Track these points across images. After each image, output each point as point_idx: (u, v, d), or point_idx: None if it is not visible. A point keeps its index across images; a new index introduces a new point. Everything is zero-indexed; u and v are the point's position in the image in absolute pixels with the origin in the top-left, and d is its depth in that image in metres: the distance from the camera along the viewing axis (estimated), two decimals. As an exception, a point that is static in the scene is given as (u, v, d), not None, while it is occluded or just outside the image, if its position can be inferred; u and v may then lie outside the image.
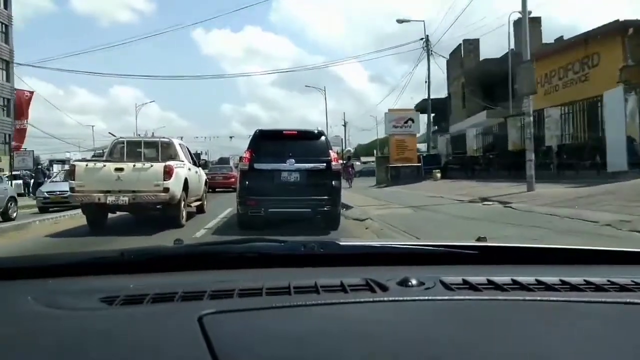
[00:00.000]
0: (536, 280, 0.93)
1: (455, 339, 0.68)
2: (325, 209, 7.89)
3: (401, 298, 0.83)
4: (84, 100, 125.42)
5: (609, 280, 0.94)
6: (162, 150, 9.83)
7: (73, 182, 8.46)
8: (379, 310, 0.80)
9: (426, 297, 0.84)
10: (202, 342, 0.65)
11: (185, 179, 9.22)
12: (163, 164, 8.63)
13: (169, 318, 0.78)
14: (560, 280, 0.93)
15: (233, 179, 21.84)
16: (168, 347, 0.67)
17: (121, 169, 8.45)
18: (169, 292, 0.87)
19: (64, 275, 1.06)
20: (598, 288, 0.91)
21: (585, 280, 0.93)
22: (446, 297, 0.84)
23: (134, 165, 8.55)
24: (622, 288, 0.91)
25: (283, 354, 0.65)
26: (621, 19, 16.43)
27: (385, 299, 0.83)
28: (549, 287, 0.90)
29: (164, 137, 10.45)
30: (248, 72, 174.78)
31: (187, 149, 11.17)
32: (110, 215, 9.37)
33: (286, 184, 7.88)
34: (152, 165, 8.56)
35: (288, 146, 8.09)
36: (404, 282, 0.89)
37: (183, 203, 9.06)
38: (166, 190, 8.37)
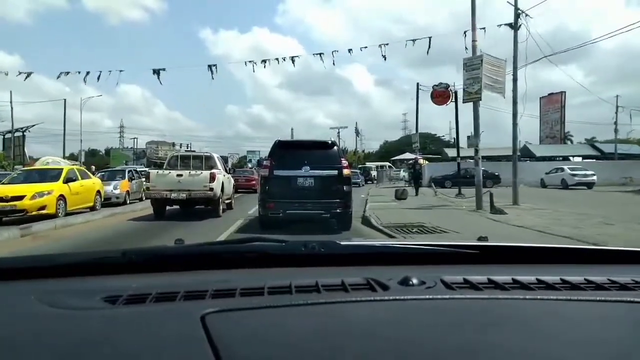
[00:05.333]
0: (537, 279, 0.93)
1: (456, 338, 0.69)
2: (338, 210, 8.78)
3: (402, 297, 0.83)
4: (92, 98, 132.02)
5: (609, 279, 0.94)
6: (205, 161, 13.68)
7: (148, 183, 12.40)
8: (380, 309, 0.81)
9: (427, 297, 0.85)
10: (205, 341, 0.66)
11: (222, 183, 12.94)
12: (209, 172, 12.41)
13: (171, 317, 0.78)
14: (561, 280, 0.94)
15: (254, 182, 25.45)
16: (171, 346, 0.68)
17: (181, 175, 12.27)
18: (171, 291, 0.88)
19: (66, 276, 1.07)
20: (598, 287, 0.91)
21: (585, 280, 0.94)
22: (447, 296, 0.85)
23: (189, 173, 12.39)
24: (623, 287, 0.91)
25: (285, 352, 0.66)
26: None
27: (386, 298, 0.83)
28: (549, 286, 0.90)
29: (206, 152, 14.34)
30: (257, 71, 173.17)
31: (222, 159, 15.03)
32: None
33: (302, 189, 8.85)
34: (201, 173, 12.37)
35: (304, 155, 9.10)
36: (405, 282, 0.89)
37: (221, 200, 12.83)
38: (211, 190, 12.09)
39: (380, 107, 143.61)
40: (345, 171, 9.09)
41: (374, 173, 40.80)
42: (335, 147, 9.54)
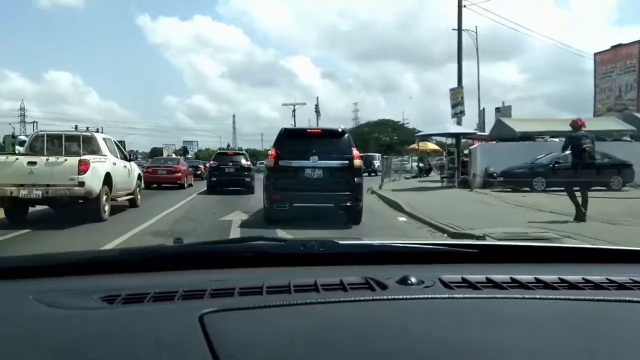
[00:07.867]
0: (535, 278, 0.94)
1: (454, 337, 0.69)
2: (348, 204, 8.28)
3: (401, 296, 0.83)
4: (15, 85, 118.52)
5: (607, 279, 0.94)
6: (84, 144, 9.68)
7: None
8: (378, 308, 0.81)
9: (426, 296, 0.85)
10: (203, 341, 0.66)
11: (107, 174, 9.21)
12: (78, 158, 8.58)
13: (170, 317, 0.78)
14: (559, 279, 0.94)
15: (179, 174, 21.16)
16: (169, 345, 0.67)
17: (34, 163, 8.40)
18: (170, 291, 0.88)
19: (64, 275, 1.06)
20: (597, 286, 0.91)
21: (584, 279, 0.94)
22: (445, 296, 0.85)
23: (47, 159, 8.51)
24: (621, 286, 0.91)
25: (283, 352, 0.66)
26: None
27: (385, 297, 0.83)
28: (547, 286, 0.91)
29: (85, 132, 10.30)
30: (197, 61, 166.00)
31: (116, 142, 11.09)
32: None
33: (310, 180, 8.28)
34: (66, 160, 8.52)
35: (312, 144, 8.52)
36: (403, 281, 0.90)
37: (105, 197, 9.05)
38: (82, 184, 8.35)
39: (325, 100, 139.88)
40: (357, 162, 8.51)
41: (376, 163, 32.51)
42: (346, 136, 8.80)
